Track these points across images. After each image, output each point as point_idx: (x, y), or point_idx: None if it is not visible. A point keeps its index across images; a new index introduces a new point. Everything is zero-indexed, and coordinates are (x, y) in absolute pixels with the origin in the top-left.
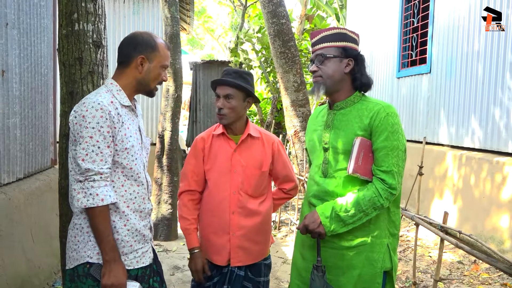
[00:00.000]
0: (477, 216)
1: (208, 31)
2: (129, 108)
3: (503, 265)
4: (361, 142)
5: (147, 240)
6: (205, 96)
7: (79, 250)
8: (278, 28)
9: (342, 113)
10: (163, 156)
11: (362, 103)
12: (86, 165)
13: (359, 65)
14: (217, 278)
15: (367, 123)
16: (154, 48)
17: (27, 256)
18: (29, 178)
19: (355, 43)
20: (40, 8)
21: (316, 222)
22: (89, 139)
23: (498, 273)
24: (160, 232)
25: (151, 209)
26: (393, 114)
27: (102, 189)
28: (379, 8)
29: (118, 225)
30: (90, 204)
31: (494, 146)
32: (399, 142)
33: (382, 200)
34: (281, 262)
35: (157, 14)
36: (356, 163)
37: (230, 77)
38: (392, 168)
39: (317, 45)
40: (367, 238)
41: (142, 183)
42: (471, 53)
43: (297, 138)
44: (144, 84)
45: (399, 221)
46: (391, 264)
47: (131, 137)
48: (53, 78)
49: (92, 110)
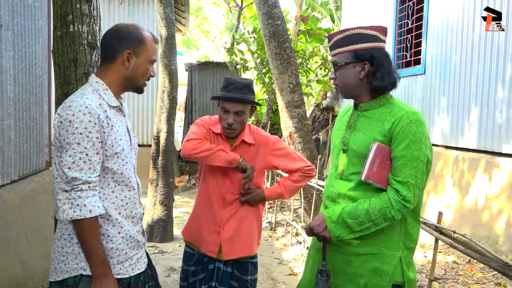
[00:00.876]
0: (472, 216)
1: (204, 32)
2: (117, 108)
3: (497, 264)
4: (378, 148)
5: (140, 246)
6: (201, 97)
7: (68, 262)
8: (273, 29)
9: (365, 115)
10: (158, 158)
11: (387, 107)
12: (73, 173)
13: (375, 67)
14: (203, 274)
15: (387, 128)
16: (141, 41)
17: (22, 259)
18: (23, 180)
19: (373, 41)
20: (34, 9)
21: (322, 226)
22: (76, 145)
23: (493, 273)
24: (156, 234)
25: (142, 213)
26: (417, 121)
27: (90, 200)
28: (374, 9)
29: (112, 234)
30: (77, 216)
31: (488, 146)
32: (420, 153)
33: (393, 212)
34: (277, 263)
35: (152, 15)
36: (370, 169)
37: (241, 92)
38: (408, 179)
39: (332, 50)
40: (377, 248)
41: (133, 187)
42: (465, 54)
43: (292, 139)
44: (131, 80)
45: (416, 235)
46: (403, 279)
47: (121, 140)
48: (47, 80)
49: (79, 114)
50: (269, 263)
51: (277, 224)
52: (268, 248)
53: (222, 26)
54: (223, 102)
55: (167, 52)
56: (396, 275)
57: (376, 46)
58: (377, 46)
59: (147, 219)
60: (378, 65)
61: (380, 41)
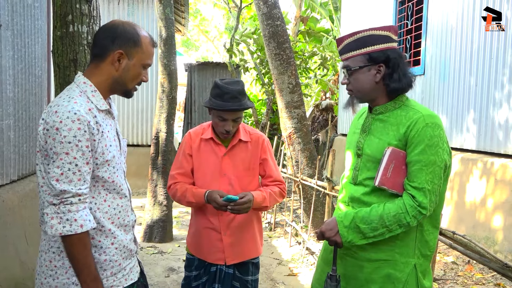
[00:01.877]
0: (471, 216)
1: (203, 32)
2: (106, 111)
3: (496, 265)
4: (392, 152)
5: (133, 254)
6: (200, 97)
7: (57, 276)
8: (273, 30)
9: (380, 119)
10: (158, 158)
11: (403, 109)
12: (62, 186)
13: (390, 69)
14: (205, 277)
15: (403, 132)
16: (137, 43)
17: (21, 259)
18: (23, 180)
19: (387, 41)
20: (34, 9)
21: (334, 230)
22: (64, 156)
23: (492, 273)
24: (155, 234)
25: (135, 220)
26: (434, 125)
27: (81, 213)
28: (373, 10)
29: (105, 245)
30: (67, 232)
31: (487, 147)
32: (437, 157)
33: (408, 218)
34: (277, 263)
35: (152, 15)
36: (384, 175)
37: (237, 101)
38: (424, 185)
39: (343, 54)
40: (391, 254)
41: (125, 194)
42: (464, 55)
43: (291, 139)
44: (120, 83)
45: (434, 242)
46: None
47: (111, 146)
48: (47, 80)
49: (67, 122)
50: (268, 263)
51: (276, 224)
52: (267, 249)
53: (222, 27)
54: (219, 111)
55: (166, 52)
56: (410, 283)
57: (390, 47)
58: (390, 47)
59: (147, 219)
60: (394, 66)
61: (393, 41)
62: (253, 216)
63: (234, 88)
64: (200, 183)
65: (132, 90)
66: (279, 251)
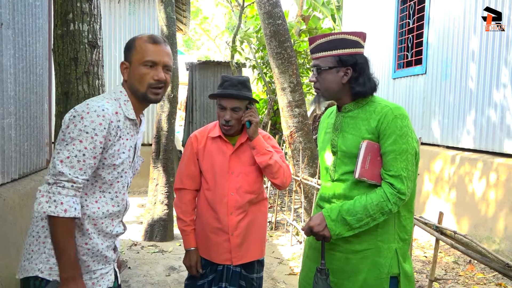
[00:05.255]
0: (472, 216)
1: (205, 31)
2: (133, 122)
3: (497, 265)
4: (368, 145)
5: (109, 261)
6: (201, 96)
7: (31, 260)
8: (274, 29)
9: (350, 116)
10: (159, 157)
11: (370, 105)
12: (62, 168)
13: (357, 73)
14: (211, 276)
15: (374, 126)
16: (130, 48)
17: None
18: (24, 178)
19: (356, 47)
20: (35, 8)
21: (322, 225)
22: (78, 142)
23: (493, 273)
24: (156, 233)
25: (121, 233)
26: (402, 116)
27: (69, 199)
28: (375, 9)
29: (78, 242)
30: (51, 212)
31: (489, 146)
32: (408, 146)
33: (390, 205)
34: (277, 262)
35: (153, 14)
36: (363, 167)
37: (236, 89)
38: (400, 172)
39: (314, 53)
40: (374, 243)
41: (118, 204)
42: (466, 54)
43: (292, 138)
44: (134, 89)
45: (410, 226)
46: (399, 270)
47: (124, 153)
48: (48, 79)
49: (93, 114)
50: (269, 262)
51: (277, 223)
52: (268, 248)
53: (223, 26)
54: (220, 100)
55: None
56: (393, 267)
57: (358, 52)
58: (358, 52)
59: (148, 218)
60: (361, 70)
61: (362, 47)
62: (260, 217)
63: (236, 78)
64: (208, 184)
65: (149, 93)
66: (280, 251)
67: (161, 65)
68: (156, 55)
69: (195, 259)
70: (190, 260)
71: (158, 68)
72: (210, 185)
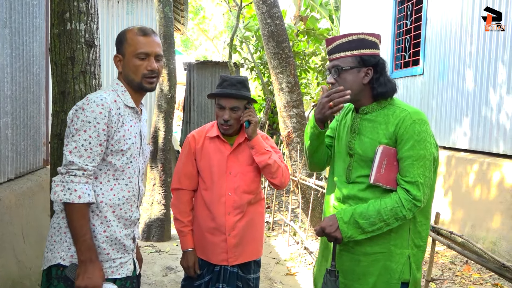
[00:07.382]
0: (469, 216)
1: (203, 31)
2: (133, 110)
3: (494, 265)
4: (384, 150)
5: (127, 251)
6: (199, 96)
7: (54, 251)
8: (272, 29)
9: (368, 119)
10: (156, 157)
11: (389, 109)
12: (72, 158)
13: (378, 73)
14: (208, 276)
15: (392, 130)
16: (122, 41)
17: (18, 258)
18: (20, 178)
19: (375, 48)
20: (32, 7)
21: (334, 226)
22: (82, 132)
23: (489, 274)
24: (153, 233)
25: (138, 218)
26: (421, 121)
27: (82, 186)
28: (373, 9)
29: (97, 230)
30: (66, 199)
31: (485, 147)
32: (426, 151)
33: (404, 211)
34: (274, 263)
35: (151, 14)
36: (378, 172)
37: (235, 89)
38: (417, 178)
39: (333, 54)
40: (386, 246)
41: (133, 188)
42: (463, 55)
43: (290, 139)
44: (130, 80)
45: (426, 233)
46: (410, 276)
47: (130, 139)
48: (45, 78)
49: (92, 105)
50: (266, 263)
51: (274, 224)
52: (265, 248)
53: (221, 26)
54: (218, 99)
55: (165, 51)
56: (404, 273)
57: (377, 53)
58: (377, 53)
59: (145, 218)
60: (382, 71)
61: (379, 48)
62: (257, 218)
63: (235, 77)
64: (206, 184)
65: (144, 83)
66: (277, 251)
67: (153, 55)
68: (148, 47)
69: (192, 260)
70: (187, 261)
71: (151, 59)
72: (207, 185)
